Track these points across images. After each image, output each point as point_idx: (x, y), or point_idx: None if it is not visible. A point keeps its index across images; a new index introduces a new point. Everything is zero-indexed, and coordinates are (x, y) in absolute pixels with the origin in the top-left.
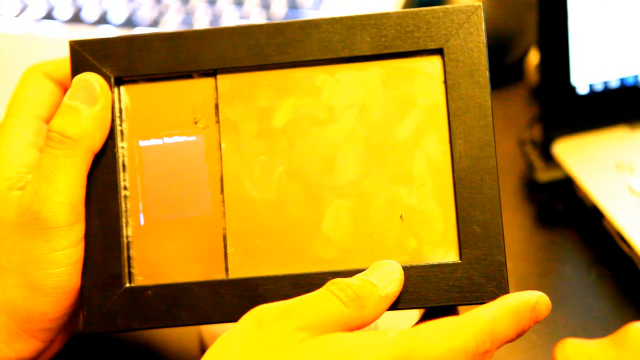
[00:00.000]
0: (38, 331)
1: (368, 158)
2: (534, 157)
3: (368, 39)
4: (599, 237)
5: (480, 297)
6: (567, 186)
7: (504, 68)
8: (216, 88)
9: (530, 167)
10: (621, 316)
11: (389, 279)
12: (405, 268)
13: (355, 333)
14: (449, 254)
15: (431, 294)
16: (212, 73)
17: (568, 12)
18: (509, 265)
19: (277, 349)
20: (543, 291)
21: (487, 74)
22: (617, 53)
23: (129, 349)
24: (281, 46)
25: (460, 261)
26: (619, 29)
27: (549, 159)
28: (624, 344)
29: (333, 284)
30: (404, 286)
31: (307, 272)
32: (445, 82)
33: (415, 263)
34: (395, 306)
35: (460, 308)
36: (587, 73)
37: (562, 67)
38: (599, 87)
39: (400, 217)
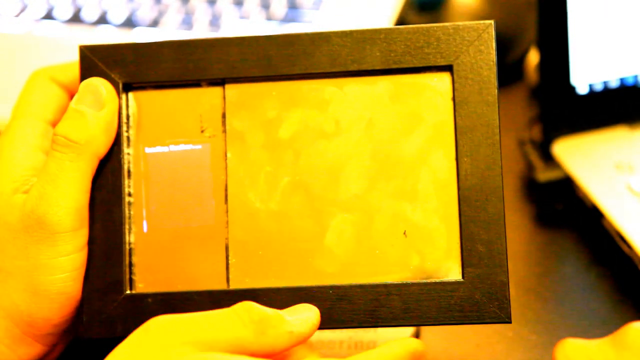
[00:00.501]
0: (42, 336)
1: (373, 173)
2: (534, 157)
3: (377, 54)
4: (599, 237)
5: (481, 317)
6: (567, 186)
7: (504, 68)
8: (224, 97)
9: (530, 167)
10: (621, 316)
11: (302, 319)
12: (407, 285)
13: (240, 356)
14: (451, 272)
15: (432, 312)
16: (221, 82)
17: (568, 12)
18: (509, 266)
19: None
20: (543, 291)
21: (496, 92)
22: (617, 53)
23: None
24: (290, 58)
25: (462, 280)
26: (619, 29)
27: (549, 159)
28: (624, 344)
29: (242, 305)
30: (405, 303)
31: (308, 285)
32: (453, 99)
33: (417, 280)
34: (395, 323)
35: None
36: (586, 73)
37: (562, 67)
38: (598, 87)
39: (404, 233)
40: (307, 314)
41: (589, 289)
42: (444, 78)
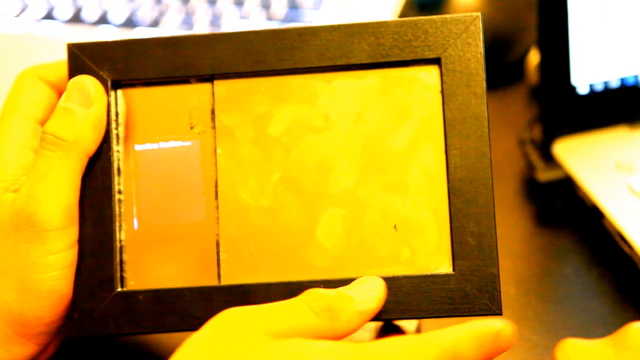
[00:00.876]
0: (34, 335)
1: (363, 167)
2: (534, 157)
3: (366, 48)
4: (599, 237)
5: (472, 309)
6: (567, 186)
7: (504, 68)
8: (213, 93)
9: (530, 167)
10: (621, 316)
11: (368, 295)
12: (397, 278)
13: (320, 340)
14: (442, 265)
15: (423, 305)
16: (209, 78)
17: (568, 12)
18: (509, 265)
19: (241, 350)
20: (543, 291)
21: (484, 84)
22: (617, 53)
23: (126, 351)
24: (279, 53)
25: (453, 272)
26: (619, 29)
27: (549, 159)
28: (624, 344)
29: (308, 294)
30: (396, 296)
31: (299, 280)
32: (442, 91)
33: (408, 273)
34: (386, 316)
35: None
36: (587, 73)
37: (562, 67)
38: (599, 87)
39: (394, 226)
40: (371, 288)
41: (589, 289)
42: (432, 71)
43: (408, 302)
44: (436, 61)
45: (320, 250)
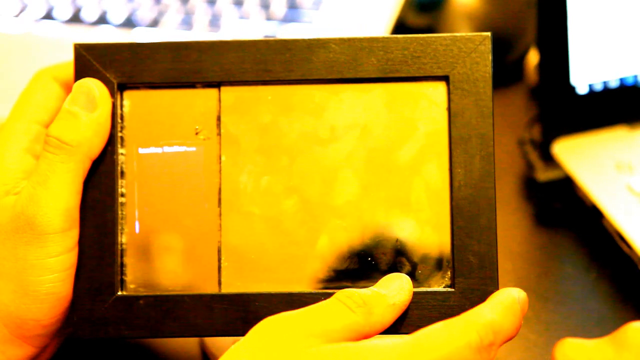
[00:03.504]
0: (32, 337)
1: (367, 180)
2: (534, 157)
3: (374, 62)
4: (599, 237)
5: None
6: (566, 186)
7: (504, 68)
8: (219, 100)
9: (530, 167)
10: (620, 316)
11: (397, 289)
12: None
13: (364, 340)
14: (442, 282)
15: (422, 320)
16: (216, 85)
17: (568, 12)
18: (509, 266)
19: (289, 355)
20: (543, 291)
21: (491, 104)
22: (617, 53)
23: (125, 353)
24: (287, 63)
25: (453, 290)
26: (619, 29)
27: (549, 159)
28: (623, 344)
29: (342, 293)
30: None
31: (300, 292)
32: (448, 109)
33: None
34: (385, 331)
35: None
36: (586, 73)
37: (561, 67)
38: (598, 87)
39: (396, 241)
40: (397, 280)
41: (589, 289)
42: (440, 88)
43: (407, 317)
44: (444, 78)
45: (321, 261)
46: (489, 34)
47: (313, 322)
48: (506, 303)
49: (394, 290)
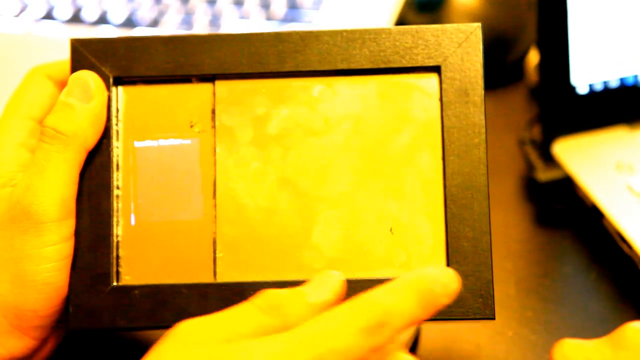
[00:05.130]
0: (30, 328)
1: (361, 170)
2: (534, 157)
3: (367, 53)
4: (599, 237)
5: (466, 313)
6: (567, 186)
7: (504, 68)
8: (214, 93)
9: (530, 167)
10: (620, 316)
11: (320, 287)
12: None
13: (262, 336)
14: None
15: None
16: (211, 78)
17: (568, 12)
18: (509, 265)
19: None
20: (543, 291)
21: (483, 94)
22: (617, 53)
23: (125, 348)
24: (280, 55)
25: None
26: (619, 29)
27: (549, 159)
28: (622, 344)
29: (259, 295)
30: None
31: (294, 280)
32: (440, 99)
33: None
34: None
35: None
36: (586, 73)
37: (562, 67)
38: (598, 87)
39: (390, 230)
40: (321, 278)
41: (589, 289)
42: (432, 79)
43: None
44: (436, 69)
45: (316, 251)
46: (479, 24)
47: (225, 326)
48: (408, 282)
49: (316, 289)
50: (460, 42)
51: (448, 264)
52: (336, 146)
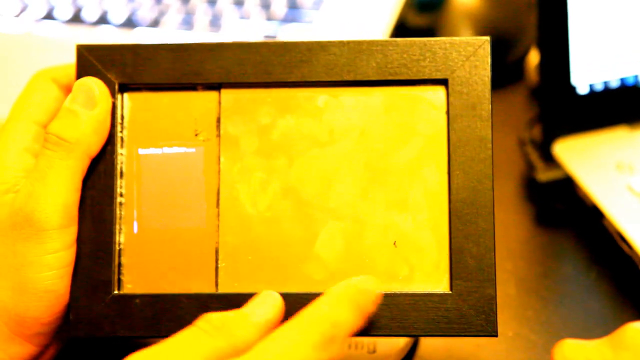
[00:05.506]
0: (31, 335)
1: (365, 182)
2: (534, 157)
3: (374, 64)
4: (599, 237)
5: (467, 329)
6: (567, 186)
7: (504, 68)
8: (219, 102)
9: (530, 167)
10: (621, 316)
11: (262, 307)
12: (395, 295)
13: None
14: (440, 284)
15: (419, 322)
16: (217, 87)
17: (568, 12)
18: (509, 265)
19: None
20: (543, 291)
21: (490, 108)
22: (617, 53)
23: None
24: (287, 65)
25: (450, 292)
26: (619, 29)
27: (549, 159)
28: (622, 344)
29: (201, 319)
30: (392, 313)
31: (297, 292)
32: (447, 112)
33: (405, 290)
34: (381, 333)
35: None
36: (587, 73)
37: (562, 67)
38: (599, 87)
39: (394, 243)
40: (261, 297)
41: (589, 289)
42: (439, 91)
43: (404, 319)
44: (443, 82)
45: (319, 262)
46: (487, 38)
47: (174, 354)
48: (345, 294)
49: (258, 308)
50: (469, 55)
51: (451, 280)
52: (341, 157)
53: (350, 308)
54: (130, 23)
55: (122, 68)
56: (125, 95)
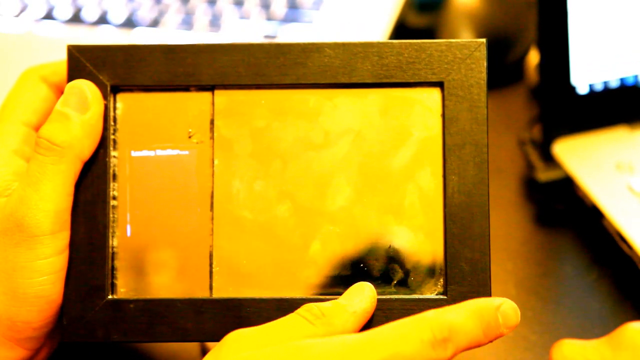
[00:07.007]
0: (22, 340)
1: (361, 186)
2: (534, 157)
3: (369, 67)
4: (599, 237)
5: None
6: (567, 186)
7: (504, 68)
8: (213, 103)
9: (530, 167)
10: (620, 316)
11: (358, 297)
12: (389, 300)
13: (317, 339)
14: (434, 289)
15: None
16: (210, 88)
17: (568, 12)
18: (509, 265)
19: None
20: (543, 291)
21: (486, 111)
22: (617, 53)
23: (125, 352)
24: (281, 67)
25: (445, 297)
26: (619, 29)
27: (549, 159)
28: (621, 344)
29: (302, 308)
30: (387, 318)
31: (292, 297)
32: (443, 115)
33: (400, 296)
34: None
35: None
36: (587, 73)
37: (562, 67)
38: (599, 87)
39: (389, 247)
40: (357, 288)
41: (589, 289)
42: (434, 94)
43: None
44: (439, 84)
45: (314, 267)
46: (484, 40)
47: (274, 336)
48: (475, 306)
49: (354, 299)
50: (465, 57)
51: (446, 285)
52: (336, 160)
53: (476, 321)
54: (130, 23)
55: (115, 69)
56: (118, 96)
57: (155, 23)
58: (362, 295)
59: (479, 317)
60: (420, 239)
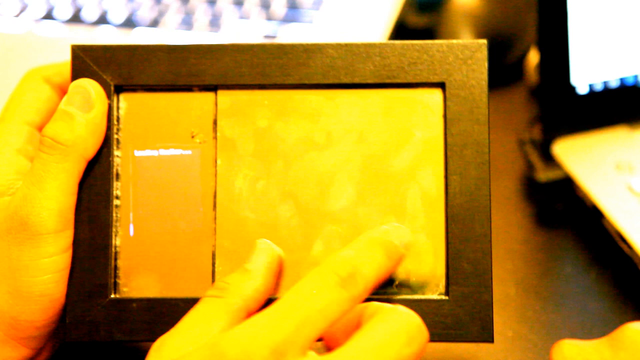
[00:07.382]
0: (26, 338)
1: (363, 186)
2: (534, 157)
3: (371, 67)
4: (599, 237)
5: (463, 335)
6: (567, 186)
7: (504, 68)
8: (216, 104)
9: (530, 167)
10: (620, 316)
11: (259, 255)
12: (391, 300)
13: (231, 330)
14: (436, 290)
15: None
16: (213, 88)
17: (568, 12)
18: (509, 265)
19: None
20: (543, 291)
21: (487, 112)
22: (617, 53)
23: (126, 353)
24: (284, 67)
25: (447, 298)
26: (619, 29)
27: (549, 159)
28: (621, 345)
29: (208, 289)
30: None
31: None
32: (444, 116)
33: (401, 296)
34: None
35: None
36: (587, 73)
37: (562, 67)
38: (598, 87)
39: None
40: (258, 250)
41: (589, 289)
42: (436, 95)
43: None
44: (440, 85)
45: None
46: (485, 41)
47: (192, 332)
48: (365, 237)
49: (254, 259)
50: (466, 58)
51: (448, 285)
52: (338, 160)
53: (374, 248)
54: (129, 23)
55: (118, 69)
56: (121, 96)
57: (155, 23)
58: (261, 253)
59: (373, 244)
60: (422, 239)
